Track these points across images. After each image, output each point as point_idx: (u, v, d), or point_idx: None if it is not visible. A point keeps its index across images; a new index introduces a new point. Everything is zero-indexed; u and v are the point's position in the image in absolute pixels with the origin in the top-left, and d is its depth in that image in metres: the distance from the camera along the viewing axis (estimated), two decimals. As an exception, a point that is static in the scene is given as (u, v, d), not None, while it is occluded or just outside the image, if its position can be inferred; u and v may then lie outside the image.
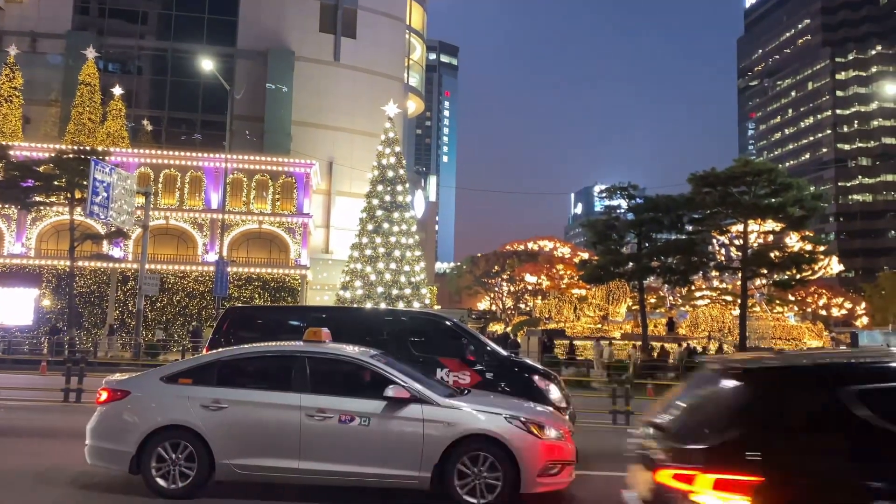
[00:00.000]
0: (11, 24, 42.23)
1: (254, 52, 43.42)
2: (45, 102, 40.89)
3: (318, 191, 42.02)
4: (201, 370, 7.85)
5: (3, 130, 36.28)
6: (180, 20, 44.29)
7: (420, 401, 7.36)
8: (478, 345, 10.74)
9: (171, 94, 44.08)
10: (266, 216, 36.80)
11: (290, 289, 35.93)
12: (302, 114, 43.20)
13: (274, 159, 37.80)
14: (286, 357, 7.88)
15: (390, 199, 34.76)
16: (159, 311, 34.76)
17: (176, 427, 7.46)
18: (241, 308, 16.77)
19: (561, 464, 7.42)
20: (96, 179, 25.99)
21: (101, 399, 7.79)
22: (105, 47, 41.87)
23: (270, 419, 7.39)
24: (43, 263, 34.75)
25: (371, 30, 46.42)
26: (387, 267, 33.81)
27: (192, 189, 36.71)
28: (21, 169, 30.55)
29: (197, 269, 35.40)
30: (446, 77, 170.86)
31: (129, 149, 37.03)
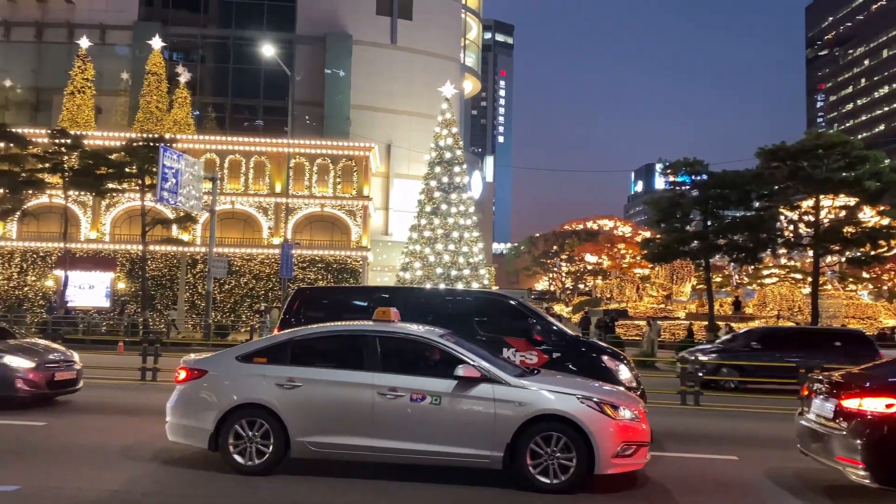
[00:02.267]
0: (82, 17, 43.71)
1: (312, 38, 43.82)
2: (115, 92, 42.28)
3: (377, 174, 42.33)
4: (276, 349, 8.01)
5: (76, 120, 37.72)
6: (241, 8, 45.01)
7: (490, 380, 7.34)
8: (544, 324, 10.64)
9: (234, 81, 44.95)
10: (327, 199, 37.33)
11: (352, 270, 36.44)
12: (360, 97, 43.46)
13: (334, 143, 38.23)
14: (357, 336, 7.96)
15: (448, 180, 34.73)
16: (227, 293, 35.76)
17: (252, 405, 7.63)
18: (309, 289, 17.04)
19: (636, 445, 7.30)
20: (165, 166, 26.77)
21: (180, 378, 8.02)
22: (170, 37, 42.93)
23: (343, 397, 7.49)
24: (117, 248, 36.14)
25: (427, 11, 46.21)
26: (445, 248, 33.88)
27: (257, 174, 37.50)
28: (95, 157, 31.71)
29: (263, 252, 36.24)
30: (502, 56, 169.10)
31: (195, 135, 38.02)
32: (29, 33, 44.35)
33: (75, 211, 35.99)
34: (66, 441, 9.41)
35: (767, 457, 9.39)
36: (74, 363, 12.64)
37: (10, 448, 8.87)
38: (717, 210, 31.23)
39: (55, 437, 9.61)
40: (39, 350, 12.42)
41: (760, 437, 11.20)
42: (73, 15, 43.96)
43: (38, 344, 13.15)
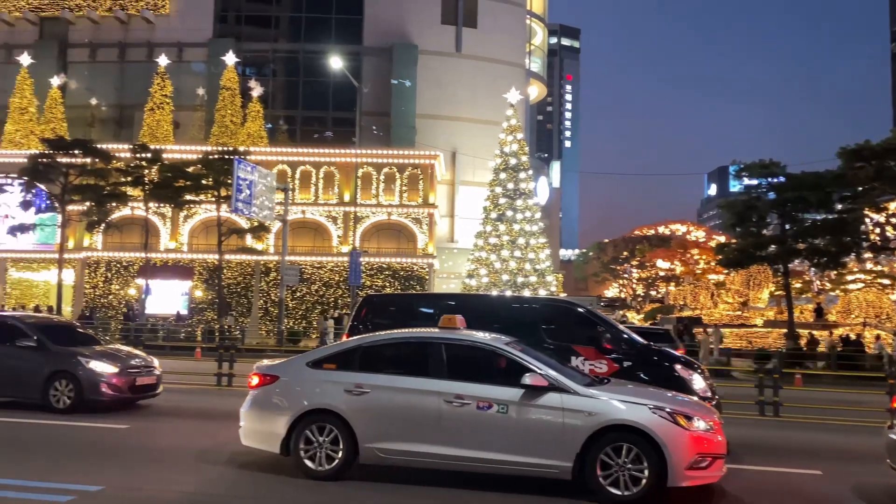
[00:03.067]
0: (161, 36, 45.71)
1: (379, 49, 44.50)
2: (192, 107, 43.97)
3: (443, 181, 42.56)
4: (344, 356, 8.12)
5: (156, 135, 39.40)
6: (310, 22, 46.14)
7: (558, 389, 7.23)
8: (614, 332, 10.43)
9: (304, 93, 46.10)
10: (394, 207, 37.76)
11: (419, 277, 36.71)
12: (425, 106, 43.82)
13: (400, 152, 38.69)
14: (423, 343, 7.98)
15: (513, 186, 34.58)
16: (299, 300, 36.57)
17: (321, 411, 7.75)
18: (377, 296, 17.30)
19: (711, 457, 7.05)
20: (239, 178, 27.63)
21: (253, 383, 8.22)
22: (243, 53, 44.34)
23: (410, 404, 7.52)
24: (194, 257, 37.50)
25: (491, 18, 46.26)
26: (511, 255, 33.70)
27: (326, 184, 38.30)
28: (173, 170, 33.03)
29: (332, 260, 36.94)
30: (568, 60, 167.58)
31: (267, 148, 39.12)
32: (112, 54, 46.68)
33: (155, 222, 37.53)
34: (147, 443, 9.78)
35: (854, 472, 8.92)
36: (154, 368, 13.14)
37: (95, 449, 9.29)
38: (796, 213, 29.97)
39: (136, 440, 10.01)
40: (122, 356, 12.96)
41: (846, 450, 10.65)
42: (152, 35, 46.02)
43: (121, 350, 13.72)
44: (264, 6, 46.88)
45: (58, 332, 13.23)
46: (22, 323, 13.00)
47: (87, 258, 37.70)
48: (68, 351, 12.42)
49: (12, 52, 45.27)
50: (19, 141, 40.36)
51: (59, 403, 11.92)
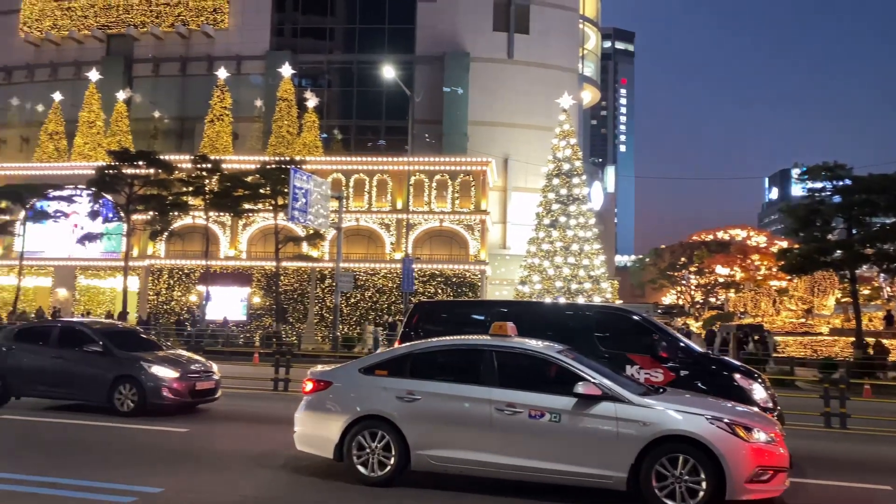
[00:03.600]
0: (220, 50, 47.06)
1: (431, 57, 44.80)
2: (250, 119, 45.10)
3: (495, 188, 42.49)
4: (395, 362, 8.16)
5: (216, 146, 40.54)
6: (363, 33, 46.81)
7: (612, 398, 7.11)
8: (670, 341, 10.20)
9: (358, 103, 46.74)
10: (446, 214, 37.88)
11: (471, 284, 36.70)
12: (477, 113, 43.88)
13: (452, 159, 38.82)
14: (474, 351, 7.95)
15: (566, 192, 34.28)
16: (353, 306, 37.00)
17: (374, 417, 7.80)
18: (428, 303, 17.35)
19: (772, 470, 6.82)
20: (295, 186, 28.18)
21: (307, 389, 8.33)
22: (299, 64, 45.29)
23: (461, 412, 7.51)
24: (253, 264, 38.38)
25: (543, 23, 46.06)
26: (565, 261, 33.38)
27: (379, 191, 38.71)
28: (232, 180, 33.92)
29: (385, 267, 37.27)
30: (622, 64, 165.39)
31: (322, 157, 39.80)
32: (174, 68, 48.28)
33: (215, 230, 38.57)
34: (206, 447, 10.03)
35: (928, 489, 8.48)
36: (213, 373, 13.46)
37: (156, 452, 9.57)
38: (864, 217, 28.78)
39: (196, 443, 10.26)
40: (183, 361, 13.32)
41: (919, 466, 10.14)
42: (212, 48, 47.43)
43: (182, 355, 14.08)
44: (320, 18, 47.76)
45: (122, 338, 13.69)
46: (89, 329, 13.50)
47: (150, 266, 38.99)
48: (132, 356, 12.82)
49: (81, 68, 47.31)
50: (88, 153, 42.11)
51: (123, 407, 12.31)
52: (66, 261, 40.44)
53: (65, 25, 48.87)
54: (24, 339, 13.72)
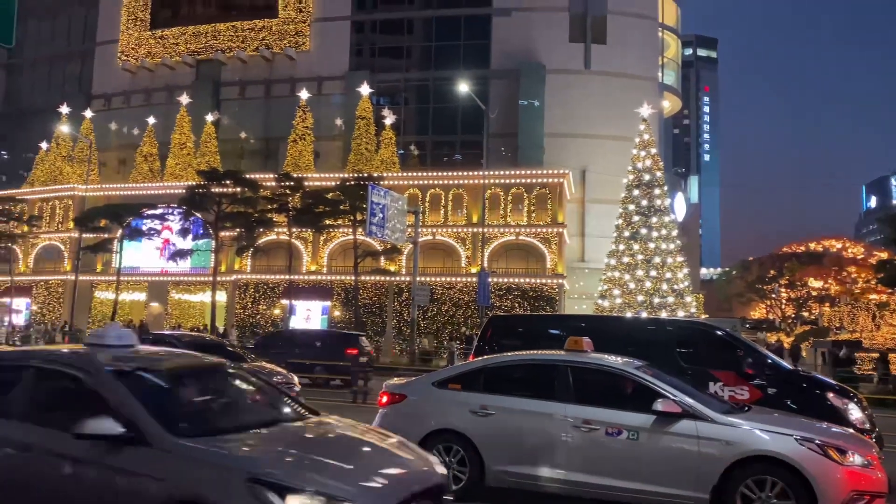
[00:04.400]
0: (302, 71, 48.67)
1: (506, 71, 44.90)
2: (330, 137, 46.35)
3: (572, 200, 42.00)
4: (469, 376, 8.13)
5: (298, 165, 41.83)
6: (439, 50, 47.44)
7: (693, 416, 6.85)
8: (756, 357, 9.77)
9: (434, 119, 47.31)
10: (522, 228, 37.67)
11: (548, 298, 36.28)
12: (553, 125, 43.59)
13: (528, 172, 38.63)
14: (549, 366, 7.84)
15: (647, 203, 33.52)
16: (430, 319, 37.24)
17: (448, 431, 7.78)
18: (503, 317, 17.29)
19: (869, 495, 6.40)
20: (373, 202, 28.72)
21: (382, 401, 8.42)
22: (377, 83, 46.30)
23: (536, 428, 7.40)
24: (333, 278, 39.25)
25: (621, 33, 45.43)
26: (646, 274, 32.58)
27: (455, 206, 38.94)
28: (314, 197, 34.88)
29: (461, 281, 37.35)
30: (705, 71, 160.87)
31: (399, 173, 40.42)
32: (259, 90, 50.26)
33: (298, 246, 39.70)
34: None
35: None
36: (294, 385, 13.83)
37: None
38: (973, 225, 26.89)
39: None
40: (265, 373, 13.72)
41: None
42: (295, 71, 49.11)
43: (264, 367, 14.51)
44: (397, 38, 48.73)
45: (208, 350, 14.19)
46: (178, 341, 14.12)
47: (237, 280, 40.48)
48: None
49: (173, 93, 49.88)
50: (179, 174, 44.26)
51: (210, 417, 12.74)
52: (158, 276, 42.53)
53: (158, 53, 51.71)
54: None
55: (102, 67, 54.35)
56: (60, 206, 45.68)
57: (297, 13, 48.87)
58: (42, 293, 44.94)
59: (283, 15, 49.09)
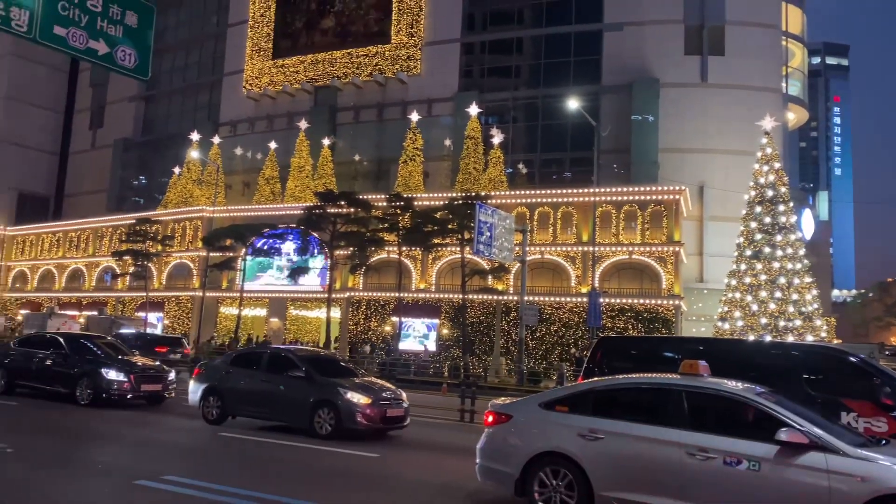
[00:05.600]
0: (413, 94, 49.89)
1: (617, 87, 44.04)
2: (439, 157, 47.09)
3: (689, 217, 40.38)
4: (577, 398, 7.91)
5: (408, 185, 42.74)
6: (549, 67, 47.24)
7: (822, 448, 6.32)
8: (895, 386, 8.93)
9: (543, 137, 47.04)
10: (636, 246, 36.57)
11: (664, 319, 34.93)
12: (668, 140, 42.24)
13: (641, 189, 37.52)
14: (662, 390, 7.49)
15: (771, 220, 31.69)
16: (539, 340, 36.78)
17: (555, 454, 7.59)
18: (613, 338, 16.77)
19: None
20: (481, 221, 28.82)
21: (488, 421, 8.33)
22: (485, 103, 46.68)
23: (648, 454, 7.07)
24: (441, 297, 39.63)
25: (740, 43, 43.51)
26: (770, 296, 30.72)
27: (564, 224, 38.40)
28: (423, 216, 35.48)
29: (571, 301, 36.68)
30: (835, 80, 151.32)
31: (506, 191, 40.41)
32: (372, 114, 51.93)
33: (408, 264, 40.44)
34: (395, 473, 10.35)
35: None
36: (403, 401, 13.95)
37: (348, 475, 10.04)
38: None
39: (386, 469, 10.64)
40: (375, 388, 13.95)
41: None
42: (406, 94, 50.41)
43: (375, 383, 14.74)
44: (505, 57, 49.02)
45: (322, 364, 14.65)
46: (294, 355, 14.62)
47: (350, 297, 41.71)
48: (330, 381, 13.64)
49: (293, 118, 52.44)
50: (298, 195, 46.32)
51: (322, 430, 13.10)
52: (278, 293, 44.54)
53: (279, 81, 54.58)
54: (239, 363, 15.16)
55: (229, 96, 58.03)
56: (190, 227, 48.96)
57: (408, 38, 50.23)
58: (173, 308, 48.15)
59: (396, 40, 50.58)
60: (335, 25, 53.45)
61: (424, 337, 39.74)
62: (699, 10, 43.94)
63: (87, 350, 17.50)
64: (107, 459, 10.35)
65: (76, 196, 68.92)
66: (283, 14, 55.67)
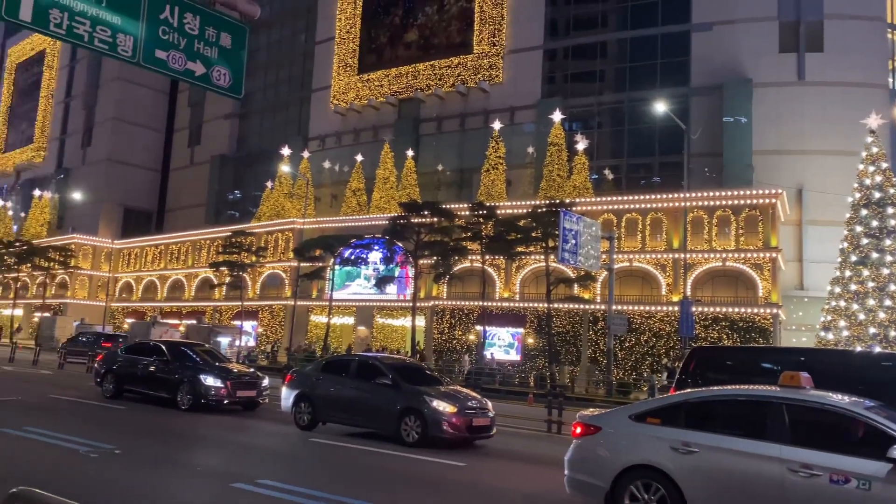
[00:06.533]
0: (494, 103, 49.95)
1: (708, 88, 42.62)
2: (522, 165, 46.88)
3: (787, 221, 38.51)
4: (669, 410, 7.65)
5: (491, 193, 42.75)
6: (634, 71, 46.24)
7: (943, 469, 5.84)
8: None
9: (629, 142, 46.05)
10: (730, 253, 35.16)
11: (761, 329, 33.37)
12: (763, 141, 40.49)
13: (734, 193, 36.07)
14: (761, 403, 7.14)
15: (878, 224, 29.81)
16: (628, 350, 35.90)
17: (646, 467, 7.37)
18: (707, 348, 16.14)
19: None
20: (565, 228, 28.44)
21: (576, 432, 8.18)
22: (569, 109, 46.17)
23: (746, 469, 6.75)
24: (526, 306, 39.33)
25: (841, 38, 41.26)
26: (879, 304, 28.86)
27: (653, 230, 37.39)
28: (506, 225, 35.37)
29: (662, 310, 35.62)
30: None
31: (592, 198, 39.73)
32: (454, 124, 52.32)
33: (491, 273, 40.39)
34: (481, 483, 10.30)
35: None
36: (488, 411, 13.88)
37: (435, 483, 10.07)
38: None
39: (472, 478, 10.60)
40: (461, 397, 13.91)
41: None
42: (488, 103, 50.53)
43: (460, 392, 14.71)
44: (589, 62, 48.35)
45: (409, 372, 14.76)
46: (381, 363, 14.82)
47: (434, 306, 42.02)
48: (416, 390, 13.72)
49: (378, 131, 53.58)
50: (383, 206, 47.18)
51: (409, 438, 13.19)
52: (365, 302, 45.42)
53: (364, 96, 55.86)
54: (329, 370, 15.50)
55: (317, 111, 59.87)
56: (282, 238, 50.70)
57: (490, 47, 50.37)
58: (266, 316, 49.91)
59: (478, 50, 50.82)
60: (418, 38, 54.28)
61: (509, 346, 39.55)
62: (795, 6, 42.01)
63: (187, 357, 18.34)
64: (206, 462, 10.80)
65: (176, 210, 72.78)
66: (368, 30, 57.02)
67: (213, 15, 8.47)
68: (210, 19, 8.45)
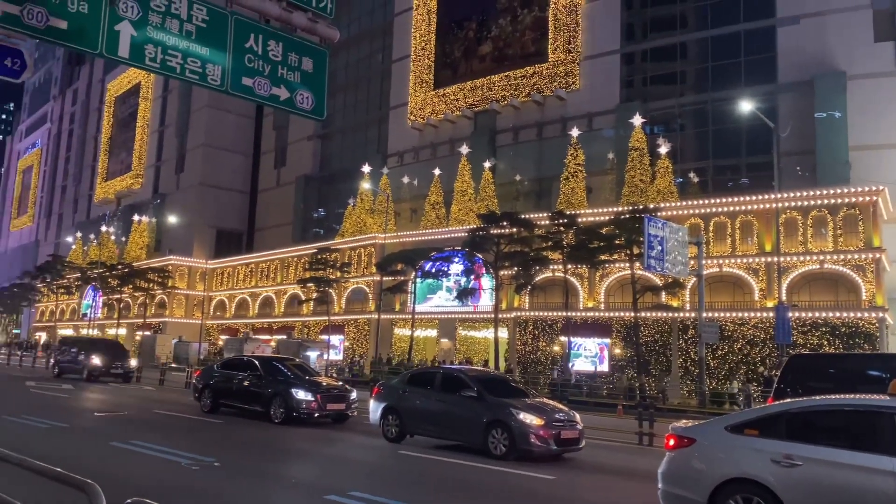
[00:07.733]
0: (572, 110, 49.39)
1: (796, 83, 40.75)
2: (602, 172, 46.06)
3: (890, 220, 36.20)
4: (768, 421, 7.31)
5: (571, 201, 42.22)
6: (717, 70, 44.75)
7: None
8: None
9: (714, 143, 44.50)
10: (827, 255, 33.37)
11: (866, 334, 31.46)
12: (859, 136, 38.29)
13: (830, 191, 34.25)
14: (871, 413, 6.71)
15: None
16: (721, 358, 34.57)
17: (745, 480, 7.06)
18: (807, 356, 15.33)
19: None
20: (650, 235, 27.74)
21: (670, 444, 7.93)
22: (649, 112, 45.09)
23: (857, 484, 6.36)
24: (611, 315, 38.53)
25: (943, 21, 38.69)
26: None
27: (743, 234, 35.96)
28: (588, 233, 34.82)
29: (755, 316, 34.15)
30: None
31: (677, 202, 38.60)
32: (531, 133, 52.04)
33: (574, 282, 39.80)
34: (571, 496, 10.14)
35: None
36: (577, 423, 13.65)
37: (525, 497, 9.97)
38: None
39: (562, 492, 10.44)
40: (547, 409, 13.76)
41: None
42: (565, 110, 50.02)
43: (547, 404, 14.53)
44: (668, 64, 47.16)
45: (494, 385, 14.72)
46: (465, 375, 14.84)
47: (517, 317, 41.76)
48: (502, 402, 13.66)
49: (455, 145, 53.90)
50: (461, 218, 47.39)
51: (497, 450, 13.13)
52: (447, 314, 45.65)
53: (440, 110, 56.43)
54: (414, 383, 15.64)
55: (395, 128, 60.90)
56: (365, 254, 51.73)
57: (566, 55, 49.94)
58: (352, 330, 50.93)
59: (553, 58, 50.48)
60: (492, 50, 54.44)
61: (596, 357, 38.82)
62: (889, -8, 39.71)
63: (279, 371, 18.92)
64: (299, 474, 11.08)
65: (264, 230, 75.47)
66: (443, 45, 57.65)
67: (295, 40, 8.77)
68: (292, 45, 8.74)
